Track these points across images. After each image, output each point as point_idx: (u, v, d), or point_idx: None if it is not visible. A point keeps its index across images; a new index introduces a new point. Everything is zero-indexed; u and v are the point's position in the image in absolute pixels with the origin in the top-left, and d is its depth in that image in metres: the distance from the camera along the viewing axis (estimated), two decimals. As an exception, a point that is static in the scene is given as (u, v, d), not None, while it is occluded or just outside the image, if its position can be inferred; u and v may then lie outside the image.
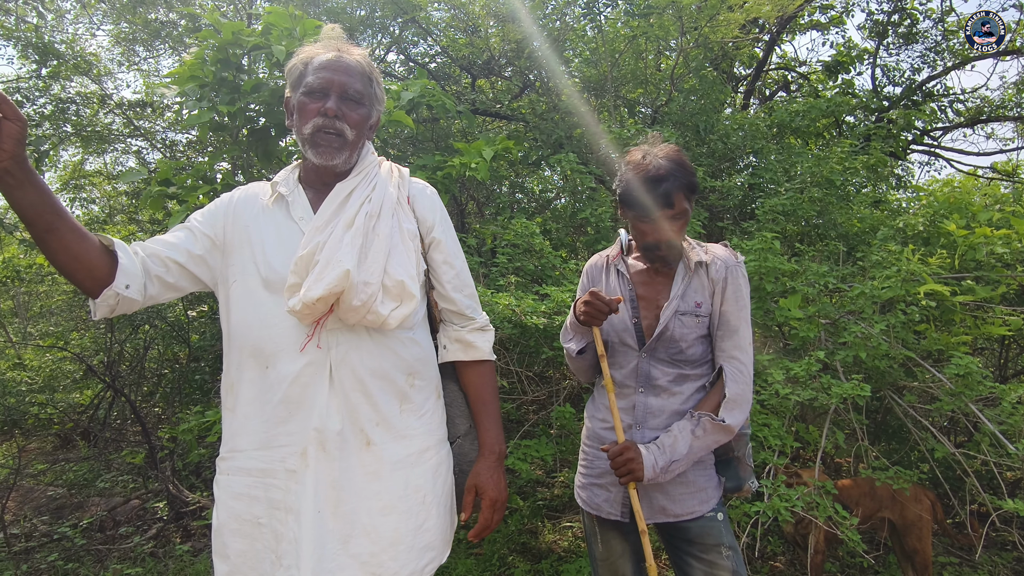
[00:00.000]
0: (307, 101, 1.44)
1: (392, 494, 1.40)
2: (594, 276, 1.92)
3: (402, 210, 1.47)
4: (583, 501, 1.89)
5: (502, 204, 4.50)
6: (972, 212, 3.46)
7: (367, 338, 1.41)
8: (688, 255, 1.79)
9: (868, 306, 2.79)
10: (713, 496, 1.79)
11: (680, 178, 1.68)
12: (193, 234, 1.48)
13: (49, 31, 6.13)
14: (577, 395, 3.64)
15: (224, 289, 1.47)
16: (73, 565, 3.61)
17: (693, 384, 1.78)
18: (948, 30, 6.83)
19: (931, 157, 7.62)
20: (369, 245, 1.37)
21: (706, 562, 1.73)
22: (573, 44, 5.14)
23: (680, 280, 1.78)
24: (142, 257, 1.40)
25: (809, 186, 3.77)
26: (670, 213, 1.69)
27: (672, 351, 1.77)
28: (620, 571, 1.85)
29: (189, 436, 3.01)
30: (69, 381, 6.50)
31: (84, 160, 7.20)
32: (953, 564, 3.24)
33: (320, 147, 1.43)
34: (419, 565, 1.42)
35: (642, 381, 1.79)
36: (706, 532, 1.75)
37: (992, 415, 2.57)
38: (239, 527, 1.39)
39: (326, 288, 1.29)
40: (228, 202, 1.52)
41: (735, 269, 1.77)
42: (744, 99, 6.51)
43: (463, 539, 3.57)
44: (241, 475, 1.40)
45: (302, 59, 1.48)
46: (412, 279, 1.40)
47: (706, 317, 1.76)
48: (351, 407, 1.38)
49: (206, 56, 2.81)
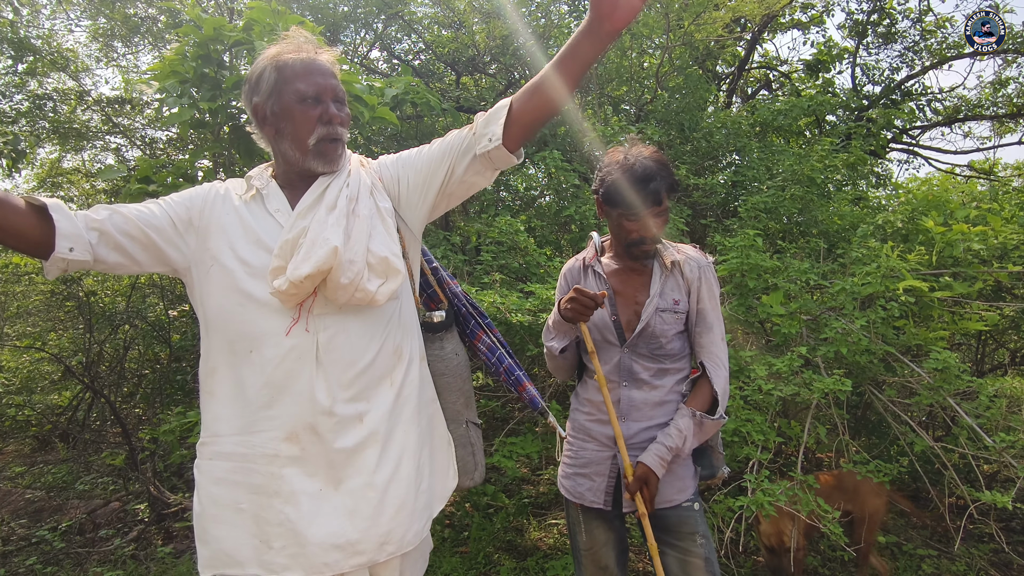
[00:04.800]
0: (304, 108, 1.41)
1: (390, 463, 1.43)
2: (572, 279, 1.98)
3: (377, 191, 1.48)
4: (566, 491, 1.93)
5: (486, 202, 4.49)
6: (950, 209, 3.52)
7: (353, 319, 1.42)
8: (663, 254, 1.88)
9: (849, 302, 2.83)
10: (690, 485, 1.85)
11: (666, 177, 1.78)
12: (171, 211, 1.44)
13: (25, 26, 6.01)
14: (563, 392, 3.65)
15: (199, 272, 1.43)
16: (52, 569, 3.55)
17: (673, 377, 1.86)
18: (926, 30, 6.93)
19: (910, 155, 7.75)
20: (352, 225, 1.39)
21: (680, 549, 1.79)
22: (558, 41, 5.14)
23: (658, 279, 1.86)
24: (96, 219, 1.34)
25: (791, 184, 3.80)
26: (657, 210, 1.78)
27: (653, 346, 1.84)
28: (603, 561, 1.89)
29: (171, 437, 2.98)
30: (47, 382, 6.40)
31: (62, 157, 7.08)
32: (932, 556, 3.29)
33: (326, 156, 1.43)
34: (420, 525, 1.48)
35: (625, 375, 1.85)
36: (683, 521, 1.81)
37: (970, 409, 2.61)
38: (219, 512, 1.39)
39: (314, 265, 1.29)
40: (208, 190, 1.51)
41: (707, 269, 1.88)
42: (727, 97, 6.56)
43: (448, 537, 3.57)
44: (221, 460, 1.40)
45: (273, 63, 1.44)
46: (396, 255, 1.41)
47: (683, 314, 1.85)
48: (343, 389, 1.39)
49: (187, 52, 2.77)
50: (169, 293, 5.99)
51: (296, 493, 1.36)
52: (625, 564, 1.94)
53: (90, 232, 1.33)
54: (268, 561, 1.35)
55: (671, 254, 1.88)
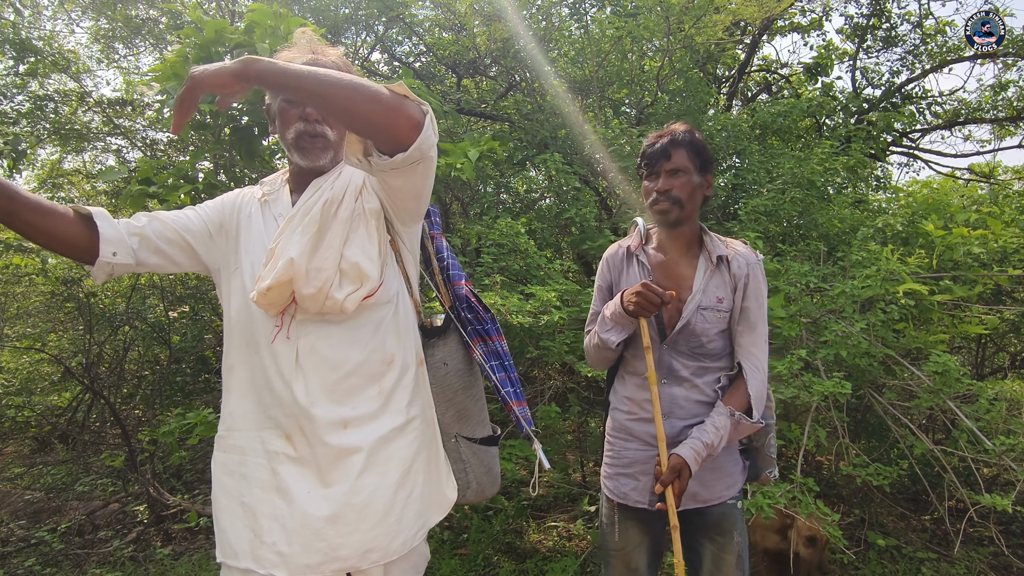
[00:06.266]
0: (287, 107, 1.47)
1: (376, 471, 1.42)
2: (615, 266, 1.91)
3: (366, 190, 1.49)
4: (608, 490, 1.88)
5: (487, 204, 4.50)
6: (950, 213, 3.52)
7: (335, 327, 1.43)
8: (709, 248, 1.80)
9: (849, 305, 2.83)
10: (738, 481, 1.82)
11: (683, 138, 1.77)
12: (205, 216, 1.54)
13: (27, 27, 6.01)
14: (562, 395, 3.65)
15: (226, 274, 1.52)
16: (51, 570, 3.55)
17: (713, 375, 1.80)
18: (926, 34, 6.94)
19: (910, 158, 7.76)
20: (325, 231, 1.40)
21: (718, 544, 1.78)
22: (559, 44, 5.15)
23: (702, 274, 1.79)
24: (137, 226, 1.44)
25: (791, 187, 3.81)
26: (668, 165, 1.75)
27: (693, 344, 1.78)
28: (634, 563, 1.84)
29: (170, 438, 2.98)
30: (47, 383, 6.39)
31: (62, 159, 7.08)
32: (931, 560, 3.29)
33: (305, 150, 1.47)
34: (410, 534, 1.47)
35: (665, 372, 1.80)
36: (725, 517, 1.79)
37: (969, 412, 2.61)
38: (227, 503, 1.45)
39: (274, 277, 1.35)
40: (238, 195, 1.60)
41: (756, 266, 1.80)
42: (727, 100, 6.56)
43: (447, 539, 3.57)
44: (233, 452, 1.46)
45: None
46: (371, 260, 1.42)
47: (727, 312, 1.78)
48: (323, 394, 1.41)
49: (188, 54, 2.78)
50: (169, 294, 5.99)
51: (291, 491, 1.39)
52: (657, 568, 1.89)
53: (131, 238, 1.43)
54: (260, 556, 1.38)
55: (719, 249, 1.80)
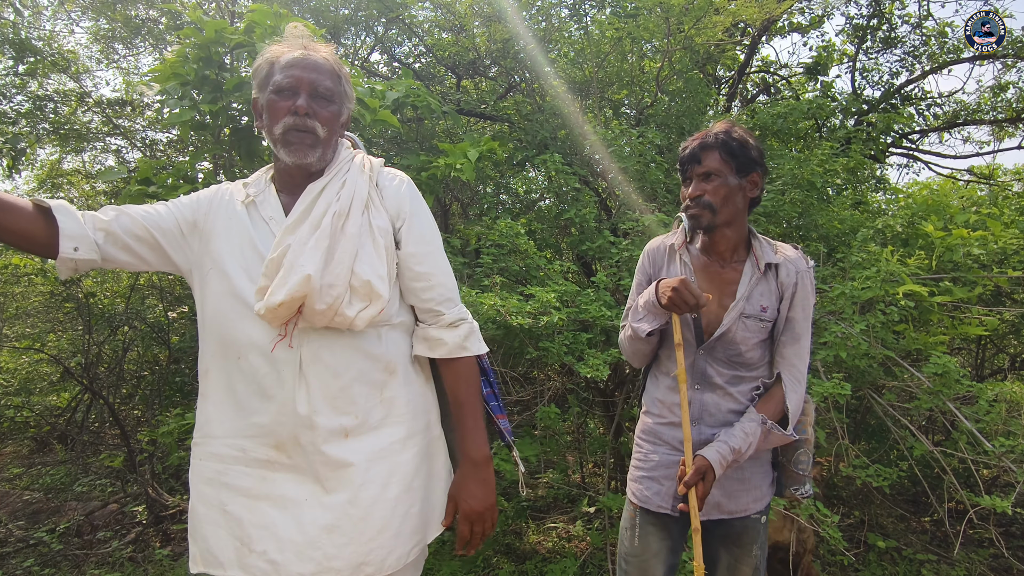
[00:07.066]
0: (276, 100, 1.41)
1: (376, 483, 1.39)
2: (657, 260, 1.85)
3: (373, 206, 1.44)
4: (632, 494, 1.84)
5: (487, 205, 4.50)
6: (950, 214, 3.52)
7: (339, 334, 1.39)
8: (757, 253, 1.73)
9: (848, 306, 2.82)
10: (766, 495, 1.77)
11: (715, 140, 1.68)
12: (178, 214, 1.46)
13: (26, 27, 6.01)
14: (561, 396, 3.65)
15: (200, 274, 1.45)
16: (50, 570, 3.54)
17: (748, 385, 1.74)
18: (926, 35, 6.95)
19: (910, 160, 7.75)
20: (336, 246, 1.35)
21: (736, 555, 1.76)
22: (559, 45, 5.15)
23: (747, 281, 1.72)
24: (104, 220, 1.37)
25: (790, 188, 3.80)
26: (699, 169, 1.69)
27: (730, 352, 1.72)
28: (651, 571, 1.79)
29: (169, 439, 2.98)
30: (46, 383, 6.38)
31: (62, 159, 7.07)
32: (931, 561, 3.29)
33: (292, 145, 1.40)
34: (405, 549, 1.43)
35: (698, 377, 1.75)
36: (747, 530, 1.75)
37: (969, 413, 2.61)
38: (207, 512, 1.40)
39: (287, 294, 1.29)
40: (214, 192, 1.51)
41: (806, 275, 1.73)
42: (726, 101, 6.56)
43: (447, 540, 3.56)
44: (212, 461, 1.41)
45: (267, 59, 1.45)
46: (380, 278, 1.37)
47: (770, 322, 1.72)
48: (325, 402, 1.37)
49: (188, 54, 2.78)
50: (168, 295, 5.98)
51: (284, 498, 1.35)
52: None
53: (96, 232, 1.36)
54: (249, 564, 1.34)
55: (767, 255, 1.72)
